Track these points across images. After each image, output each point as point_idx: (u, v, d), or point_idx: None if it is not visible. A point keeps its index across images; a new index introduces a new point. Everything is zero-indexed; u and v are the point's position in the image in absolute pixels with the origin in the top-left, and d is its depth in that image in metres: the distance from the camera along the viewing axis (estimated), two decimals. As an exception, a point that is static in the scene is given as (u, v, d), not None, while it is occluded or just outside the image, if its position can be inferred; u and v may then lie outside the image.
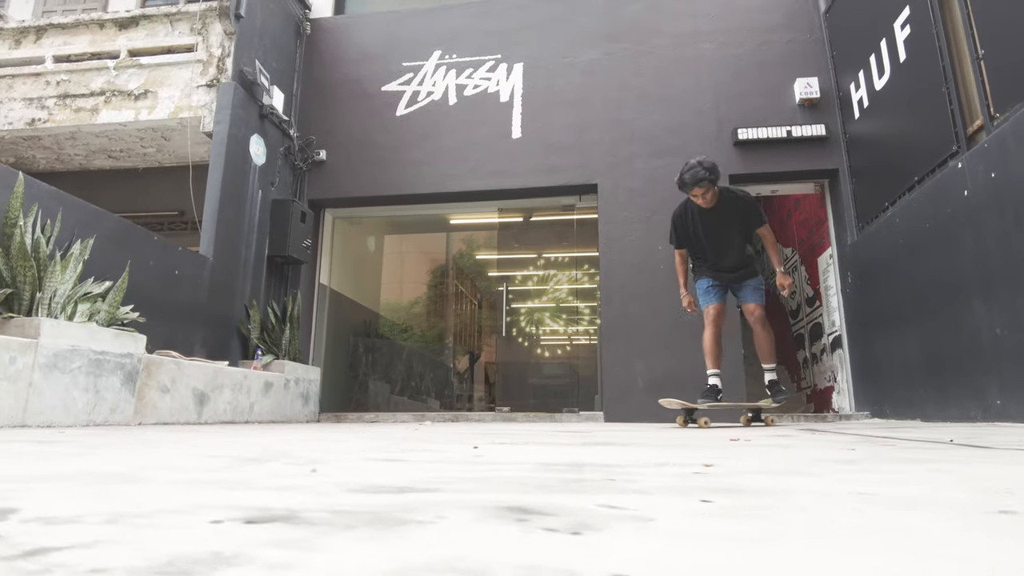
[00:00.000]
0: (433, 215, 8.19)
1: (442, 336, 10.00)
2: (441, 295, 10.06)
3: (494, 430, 3.63)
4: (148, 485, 1.03)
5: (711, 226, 4.40)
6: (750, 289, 4.49)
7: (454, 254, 9.77)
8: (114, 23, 6.08)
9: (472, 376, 10.00)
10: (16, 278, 3.43)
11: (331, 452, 1.79)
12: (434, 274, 9.95)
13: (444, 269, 10.20)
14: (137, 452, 1.74)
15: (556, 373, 6.94)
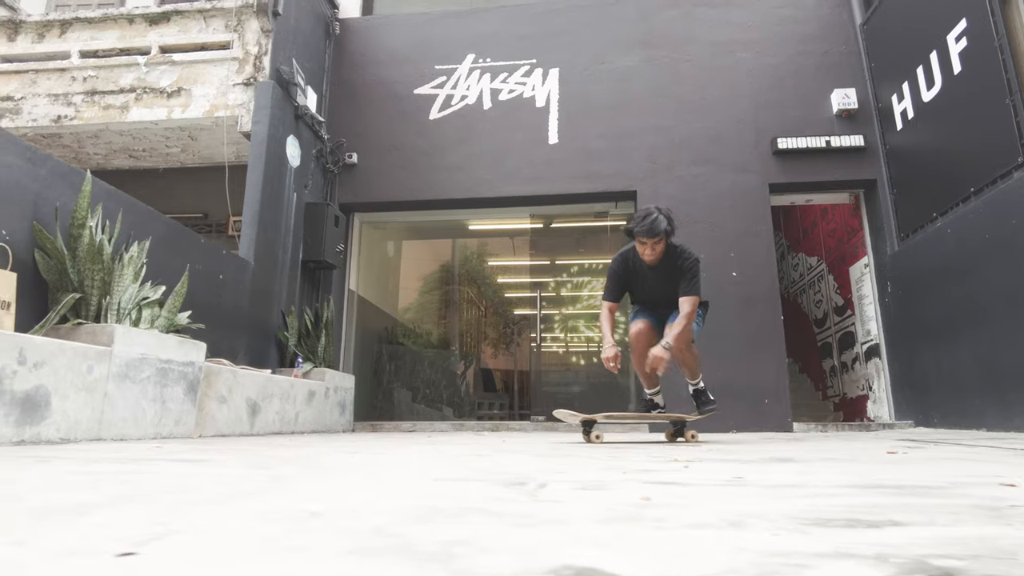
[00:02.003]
0: (455, 221, 8.08)
1: (453, 342, 9.86)
2: (453, 301, 9.92)
3: (600, 442, 3.54)
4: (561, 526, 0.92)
5: (654, 282, 3.79)
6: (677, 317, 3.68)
7: (471, 260, 9.66)
8: (144, 18, 5.88)
9: (485, 383, 9.87)
10: (84, 282, 3.25)
11: (552, 470, 1.68)
12: (448, 280, 9.82)
13: (457, 275, 10.08)
14: (370, 475, 1.62)
15: (588, 381, 6.86)
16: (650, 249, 3.60)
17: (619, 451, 2.58)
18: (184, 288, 3.86)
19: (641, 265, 3.76)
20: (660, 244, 3.61)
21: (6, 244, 3.05)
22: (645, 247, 3.61)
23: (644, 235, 3.57)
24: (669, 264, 3.71)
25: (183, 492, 1.13)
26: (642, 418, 4.06)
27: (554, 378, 6.84)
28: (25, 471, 1.50)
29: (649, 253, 3.62)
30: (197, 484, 1.28)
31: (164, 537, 0.71)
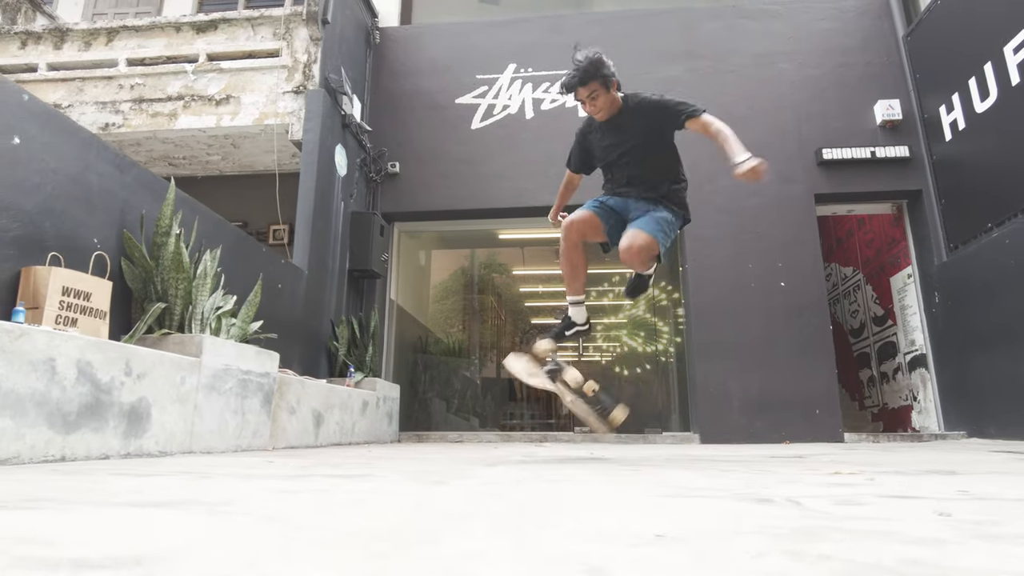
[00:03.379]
0: (486, 230, 8.05)
1: (483, 352, 9.81)
2: (480, 310, 9.87)
3: (660, 454, 3.49)
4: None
5: (614, 144, 2.99)
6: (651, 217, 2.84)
7: (500, 269, 9.62)
8: (191, 26, 5.86)
9: (509, 392, 9.81)
10: (167, 291, 3.20)
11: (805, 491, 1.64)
12: (476, 289, 9.78)
13: (477, 284, 10.04)
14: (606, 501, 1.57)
15: (630, 392, 6.82)
16: (589, 105, 2.87)
17: (759, 467, 2.54)
18: (257, 298, 3.82)
19: (601, 124, 2.99)
20: (599, 96, 2.82)
21: (98, 252, 3.00)
22: (585, 105, 2.89)
23: (564, 88, 2.86)
24: (628, 118, 2.92)
25: (485, 516, 1.09)
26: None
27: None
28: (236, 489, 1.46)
29: (590, 108, 2.89)
30: (482, 505, 1.23)
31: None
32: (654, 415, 6.67)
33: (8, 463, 2.04)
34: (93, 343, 2.41)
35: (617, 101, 2.95)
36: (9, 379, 2.05)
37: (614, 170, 3.08)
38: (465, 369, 9.24)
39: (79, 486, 1.49)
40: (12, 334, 2.07)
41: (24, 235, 2.64)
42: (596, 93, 2.83)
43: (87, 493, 1.33)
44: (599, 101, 2.87)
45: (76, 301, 2.67)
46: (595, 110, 2.91)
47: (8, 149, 2.58)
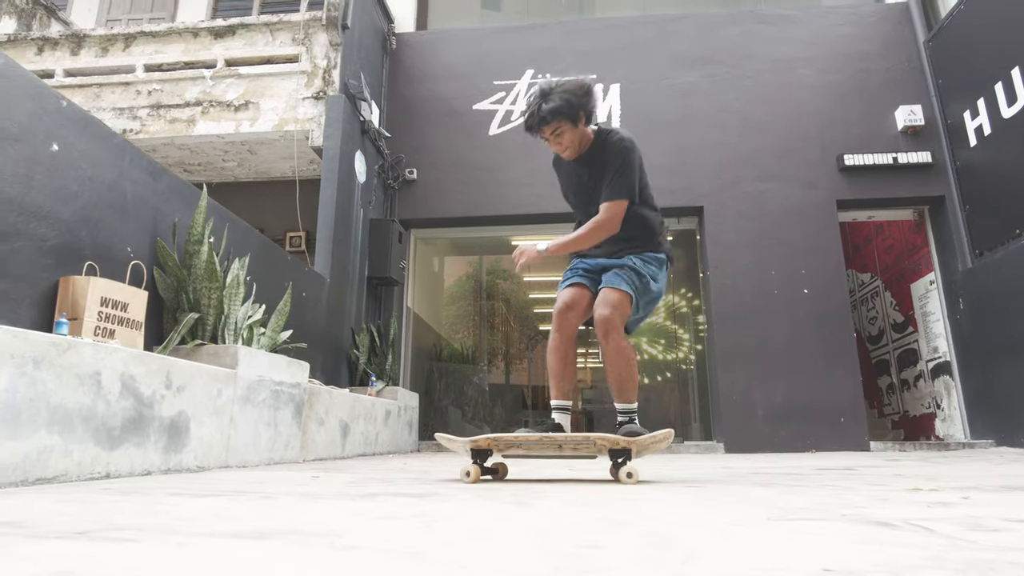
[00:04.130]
0: (499, 237, 7.99)
1: (494, 360, 9.74)
2: (492, 317, 9.81)
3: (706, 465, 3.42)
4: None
5: (582, 185, 2.60)
6: (614, 272, 2.50)
7: (512, 276, 9.58)
8: (209, 32, 5.81)
9: (526, 401, 9.74)
10: (200, 300, 3.13)
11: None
12: (488, 296, 9.72)
13: (490, 290, 9.98)
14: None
15: (644, 400, 6.74)
16: (554, 144, 2.51)
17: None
18: (287, 307, 3.75)
19: (569, 166, 2.64)
20: (565, 132, 2.45)
21: (135, 261, 2.94)
22: (548, 143, 2.54)
23: (526, 129, 2.53)
24: (599, 155, 2.51)
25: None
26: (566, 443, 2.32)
27: (606, 395, 6.72)
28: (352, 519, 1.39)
29: (556, 147, 2.53)
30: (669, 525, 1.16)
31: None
32: (674, 423, 6.57)
33: (56, 481, 1.97)
34: (136, 356, 2.34)
35: (587, 136, 2.53)
36: (58, 394, 1.98)
37: (583, 218, 2.62)
38: (476, 376, 9.17)
39: (147, 509, 1.42)
40: (60, 347, 2.00)
41: (62, 244, 2.57)
42: (560, 130, 2.45)
43: (163, 518, 1.26)
44: (564, 139, 2.48)
45: (114, 312, 2.61)
46: (560, 149, 2.54)
47: (48, 156, 2.52)
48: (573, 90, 2.42)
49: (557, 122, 2.42)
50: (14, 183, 2.37)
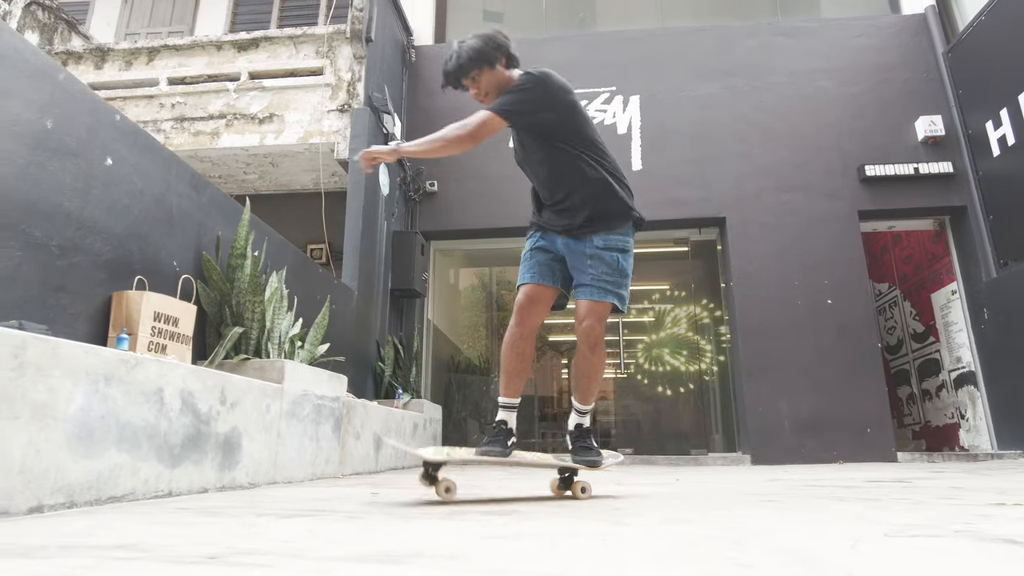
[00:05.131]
0: (516, 248, 7.98)
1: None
2: (497, 327, 9.78)
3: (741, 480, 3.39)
4: None
5: (516, 143, 2.45)
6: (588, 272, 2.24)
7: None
8: (232, 45, 5.82)
9: (535, 409, 9.69)
10: (244, 314, 3.11)
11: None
12: (492, 305, 9.70)
13: (500, 301, 9.96)
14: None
15: (667, 411, 6.72)
16: (475, 91, 2.35)
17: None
18: (325, 320, 3.74)
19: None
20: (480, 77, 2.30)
21: (178, 274, 2.92)
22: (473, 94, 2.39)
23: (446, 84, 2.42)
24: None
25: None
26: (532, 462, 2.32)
27: (633, 407, 6.70)
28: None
29: (477, 95, 2.37)
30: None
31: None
32: (697, 435, 6.56)
33: (125, 500, 1.94)
34: (194, 372, 2.31)
35: (508, 80, 2.31)
36: (126, 411, 1.96)
37: (533, 181, 2.47)
38: (489, 387, 9.14)
39: (248, 531, 1.39)
40: (128, 364, 1.98)
41: (114, 258, 2.56)
42: (478, 75, 2.30)
43: (271, 540, 1.24)
44: (481, 83, 2.31)
45: (166, 327, 2.59)
46: (481, 96, 2.35)
47: (103, 171, 2.51)
48: (487, 36, 2.31)
49: (476, 69, 2.29)
50: (73, 198, 2.36)
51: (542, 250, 2.36)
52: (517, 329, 2.32)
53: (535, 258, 2.36)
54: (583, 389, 2.38)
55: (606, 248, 2.24)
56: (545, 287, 2.34)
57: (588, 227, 2.25)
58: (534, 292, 2.33)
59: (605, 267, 2.23)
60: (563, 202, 2.30)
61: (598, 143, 2.36)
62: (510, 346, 2.31)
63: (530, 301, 2.33)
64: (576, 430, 2.38)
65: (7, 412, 1.55)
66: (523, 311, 2.32)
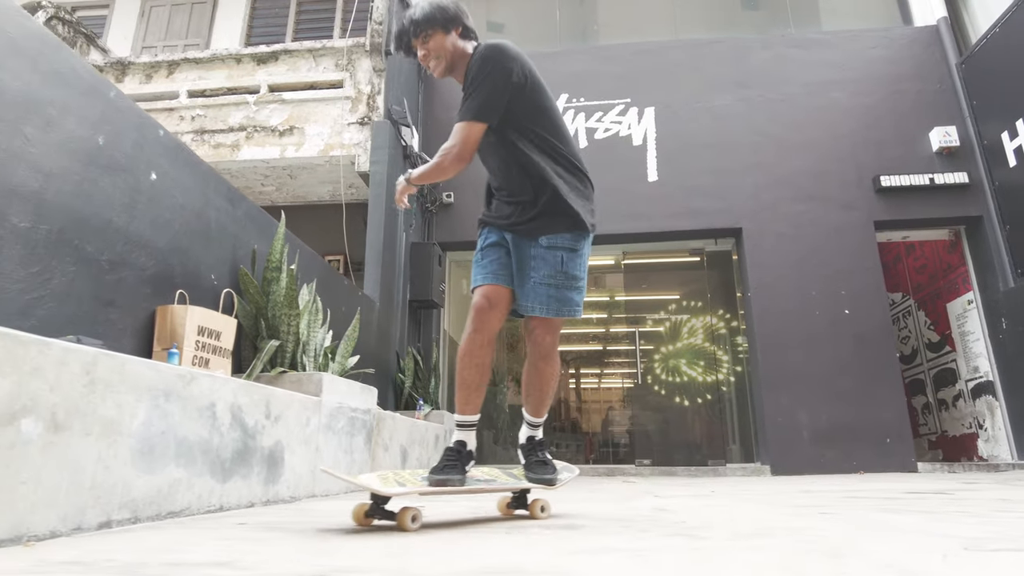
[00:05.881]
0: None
1: (514, 378, 9.68)
2: (504, 336, 9.78)
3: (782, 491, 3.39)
4: None
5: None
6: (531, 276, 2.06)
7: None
8: (252, 58, 5.87)
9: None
10: (280, 327, 3.12)
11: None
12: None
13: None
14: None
15: (684, 422, 6.71)
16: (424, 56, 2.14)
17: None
18: (356, 332, 3.74)
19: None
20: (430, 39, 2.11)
21: (215, 287, 2.93)
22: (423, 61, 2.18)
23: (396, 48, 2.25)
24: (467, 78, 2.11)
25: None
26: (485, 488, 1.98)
27: (649, 417, 6.69)
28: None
29: (426, 61, 2.16)
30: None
31: None
32: (714, 446, 6.54)
33: (183, 515, 1.94)
34: (242, 386, 2.32)
35: (464, 54, 2.14)
36: (183, 426, 1.96)
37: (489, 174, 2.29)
38: (498, 397, 9.13)
39: (325, 546, 1.39)
40: (184, 379, 1.99)
41: (158, 273, 2.57)
42: (427, 36, 2.11)
43: (352, 557, 1.24)
44: (431, 45, 2.11)
45: (209, 341, 2.59)
46: (430, 63, 2.16)
47: (148, 185, 2.53)
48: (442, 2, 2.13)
49: (428, 28, 2.09)
50: (121, 212, 2.38)
51: (496, 246, 2.16)
52: (476, 336, 2.04)
53: (489, 256, 2.15)
54: (535, 401, 2.19)
55: (550, 248, 2.05)
56: (503, 288, 2.11)
57: (534, 227, 2.06)
58: (493, 294, 2.09)
59: (548, 268, 2.04)
60: (512, 196, 2.14)
61: (558, 127, 2.14)
62: (468, 355, 2.04)
63: (489, 304, 2.07)
64: (528, 443, 2.18)
65: (80, 428, 1.56)
66: (482, 315, 2.06)
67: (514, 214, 2.11)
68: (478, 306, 2.07)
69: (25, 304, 1.95)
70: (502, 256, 2.14)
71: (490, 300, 2.07)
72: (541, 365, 2.16)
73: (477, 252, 2.21)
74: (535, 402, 2.19)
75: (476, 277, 2.15)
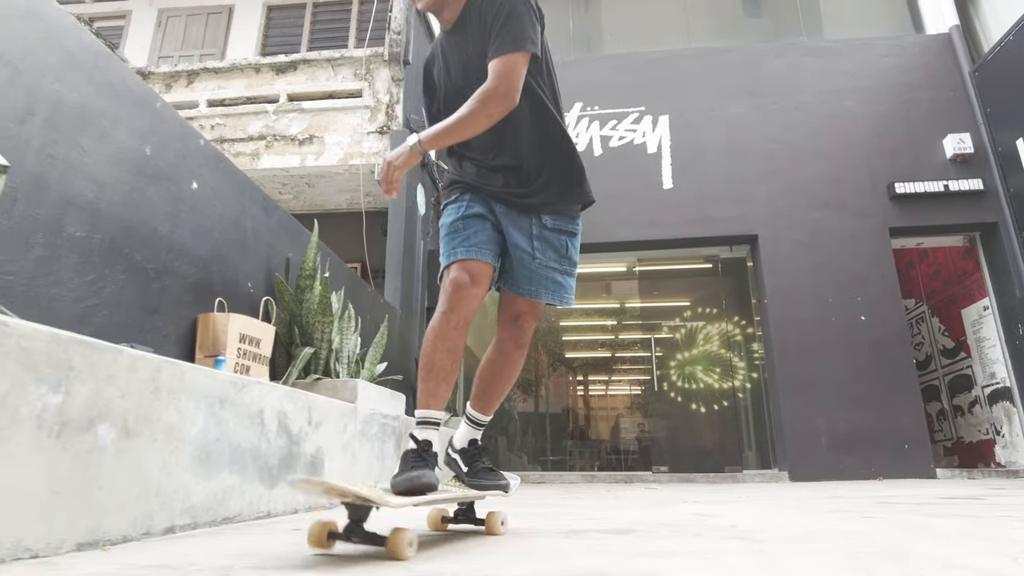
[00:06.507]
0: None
1: (520, 386, 9.70)
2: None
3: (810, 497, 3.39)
4: None
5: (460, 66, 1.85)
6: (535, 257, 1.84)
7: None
8: (271, 67, 5.92)
9: (564, 428, 9.66)
10: (313, 335, 3.14)
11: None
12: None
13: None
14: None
15: (699, 428, 6.71)
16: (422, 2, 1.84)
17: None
18: (384, 339, 3.77)
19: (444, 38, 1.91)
20: None
21: (252, 295, 2.96)
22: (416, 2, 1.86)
23: None
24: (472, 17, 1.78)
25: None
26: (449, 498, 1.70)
27: (665, 424, 6.69)
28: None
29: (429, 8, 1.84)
30: None
31: None
32: (729, 452, 6.53)
33: (235, 521, 1.96)
34: (287, 393, 2.34)
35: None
36: (236, 433, 1.98)
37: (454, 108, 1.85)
38: (508, 404, 9.14)
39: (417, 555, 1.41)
40: (236, 386, 2.01)
41: (199, 281, 2.60)
42: None
43: (462, 564, 1.26)
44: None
45: (250, 348, 2.62)
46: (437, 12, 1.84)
47: (189, 195, 2.56)
48: None
49: None
50: (165, 221, 2.41)
51: (480, 218, 1.81)
52: (451, 316, 1.69)
53: (473, 227, 1.79)
54: (495, 396, 1.93)
55: (556, 230, 1.85)
56: (488, 265, 1.77)
57: (542, 204, 1.83)
58: (477, 270, 1.74)
59: (553, 252, 1.84)
60: (513, 165, 1.82)
61: (557, 92, 1.90)
62: (440, 338, 1.68)
63: (472, 280, 1.72)
64: (472, 447, 1.90)
65: (148, 435, 1.58)
66: (461, 292, 1.70)
67: (510, 184, 1.83)
68: (457, 282, 1.71)
69: (82, 312, 1.98)
70: (488, 229, 1.81)
71: (473, 276, 1.73)
72: (516, 355, 1.92)
73: (455, 220, 1.81)
74: (494, 398, 1.94)
75: (455, 249, 1.78)
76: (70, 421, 1.34)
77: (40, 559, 1.25)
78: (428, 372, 1.70)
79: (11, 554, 1.19)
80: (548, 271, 1.84)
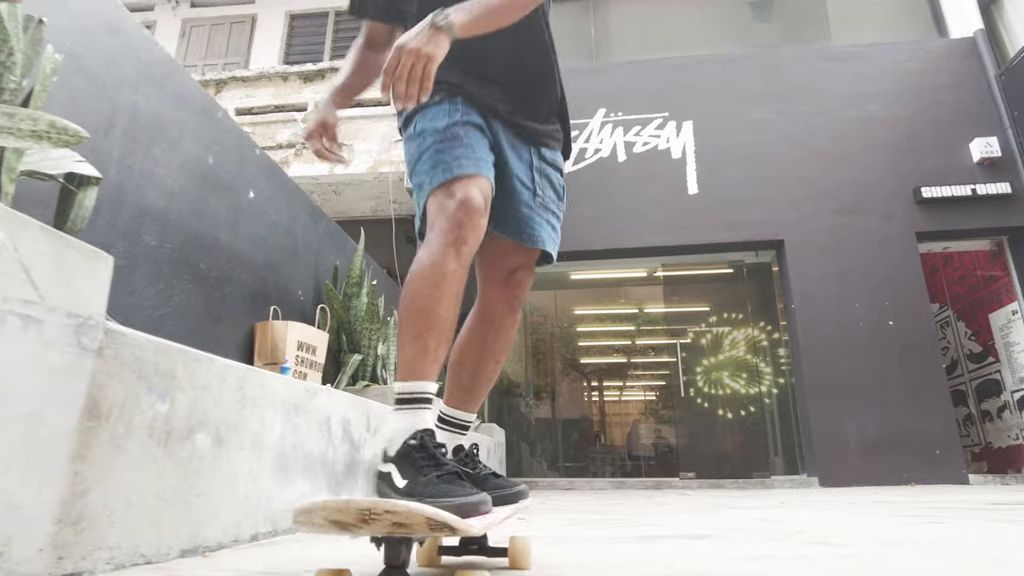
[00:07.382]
0: (558, 272, 8.03)
1: (540, 392, 9.69)
2: (545, 349, 9.79)
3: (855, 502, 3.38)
4: None
5: None
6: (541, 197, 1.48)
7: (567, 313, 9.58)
8: (299, 76, 5.97)
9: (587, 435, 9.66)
10: (360, 341, 3.16)
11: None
12: (545, 331, 9.73)
13: (533, 327, 9.97)
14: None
15: (726, 434, 6.69)
16: None
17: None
18: (424, 346, 3.77)
19: None
20: None
21: (302, 302, 2.98)
22: None
23: None
24: None
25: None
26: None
27: (692, 430, 6.67)
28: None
29: None
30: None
31: None
32: (757, 458, 6.51)
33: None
34: (350, 400, 2.35)
35: None
36: (309, 440, 2.00)
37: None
38: (529, 410, 9.13)
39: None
40: (309, 393, 2.02)
41: (256, 289, 2.62)
42: None
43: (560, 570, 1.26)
44: None
45: (307, 356, 2.64)
46: None
47: (247, 203, 2.59)
48: None
49: None
50: (226, 230, 2.43)
51: (479, 129, 1.38)
52: (461, 250, 1.22)
53: (473, 138, 1.35)
54: (484, 381, 1.54)
55: (554, 166, 1.54)
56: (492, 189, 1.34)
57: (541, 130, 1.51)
58: (488, 191, 1.31)
59: (552, 193, 1.52)
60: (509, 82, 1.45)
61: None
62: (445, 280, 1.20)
63: (486, 204, 1.28)
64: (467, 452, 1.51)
65: (236, 443, 1.59)
66: (476, 220, 1.24)
67: (524, 104, 1.47)
68: (471, 204, 1.23)
69: (156, 320, 2.00)
70: (487, 146, 1.38)
71: (487, 199, 1.29)
72: (509, 322, 1.53)
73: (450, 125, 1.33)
74: (483, 384, 1.54)
75: (459, 160, 1.29)
76: (174, 429, 1.36)
77: (154, 565, 1.26)
78: (426, 326, 1.20)
79: (130, 559, 1.20)
80: (548, 214, 1.49)
